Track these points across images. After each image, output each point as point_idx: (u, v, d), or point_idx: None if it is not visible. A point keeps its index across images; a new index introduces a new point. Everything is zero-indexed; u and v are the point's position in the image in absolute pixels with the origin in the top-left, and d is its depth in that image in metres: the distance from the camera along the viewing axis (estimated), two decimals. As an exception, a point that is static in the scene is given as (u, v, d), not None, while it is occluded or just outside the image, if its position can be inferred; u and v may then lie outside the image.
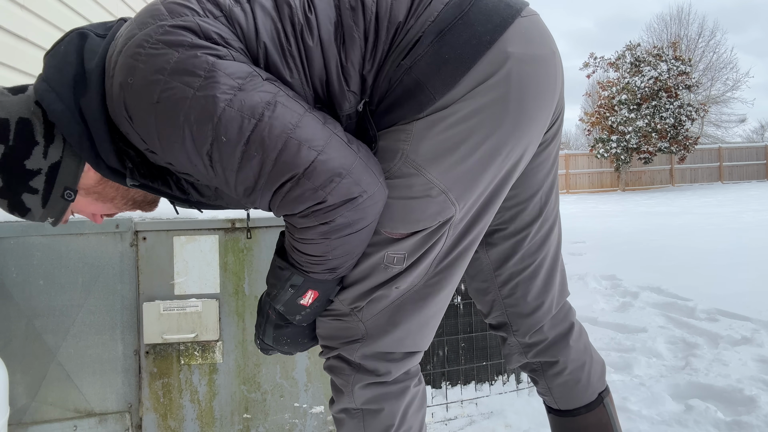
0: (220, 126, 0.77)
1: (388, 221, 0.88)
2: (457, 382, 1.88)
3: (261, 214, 1.59)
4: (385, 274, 0.90)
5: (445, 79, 0.83)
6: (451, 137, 0.85)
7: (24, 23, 2.07)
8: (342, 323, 0.96)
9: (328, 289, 0.93)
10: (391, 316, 0.94)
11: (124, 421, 1.52)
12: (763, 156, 21.38)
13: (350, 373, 0.96)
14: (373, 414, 0.97)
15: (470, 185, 0.88)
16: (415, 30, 0.85)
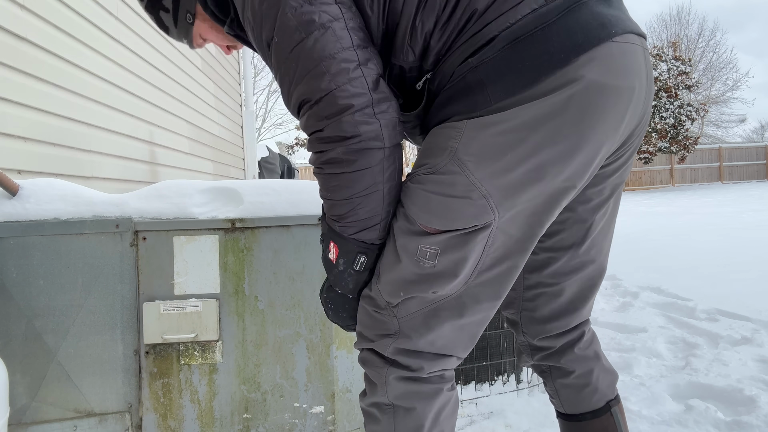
0: (278, 27, 0.87)
1: (424, 214, 0.90)
2: (457, 382, 1.88)
3: (261, 214, 1.59)
4: (417, 268, 0.91)
5: (507, 87, 0.83)
6: (500, 144, 0.85)
7: (24, 23, 2.07)
8: (378, 315, 0.97)
9: (347, 251, 0.96)
10: (426, 318, 0.94)
11: (124, 421, 1.52)
12: (763, 156, 21.38)
13: (383, 365, 0.97)
14: (404, 412, 0.96)
15: (513, 195, 0.87)
16: (491, 29, 0.85)
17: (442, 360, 0.98)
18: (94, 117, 2.64)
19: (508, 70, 0.83)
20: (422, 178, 0.92)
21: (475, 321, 0.96)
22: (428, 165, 0.91)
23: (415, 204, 0.92)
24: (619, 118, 0.88)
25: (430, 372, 0.97)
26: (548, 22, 0.83)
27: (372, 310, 0.98)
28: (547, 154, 0.85)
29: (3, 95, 1.94)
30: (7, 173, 1.53)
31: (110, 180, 2.83)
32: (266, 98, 23.16)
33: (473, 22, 0.87)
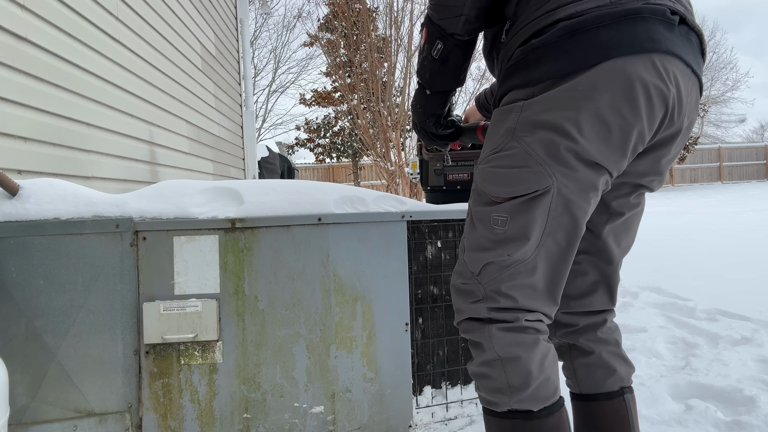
0: None
1: (492, 186, 1.06)
2: (457, 382, 1.88)
3: (261, 214, 1.59)
4: (492, 234, 1.06)
5: (559, 67, 0.98)
6: (549, 119, 0.98)
7: (24, 23, 2.07)
8: (467, 286, 1.11)
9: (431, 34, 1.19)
10: (505, 281, 1.05)
11: (124, 421, 1.52)
12: (763, 156, 21.37)
13: (482, 325, 1.08)
14: (512, 361, 1.04)
15: (565, 161, 0.99)
16: (559, 14, 0.99)
17: (532, 314, 1.08)
18: (94, 117, 2.64)
19: (561, 55, 0.98)
20: (488, 159, 1.08)
21: (551, 281, 1.08)
22: (492, 147, 1.07)
23: (484, 180, 1.08)
24: (654, 112, 0.99)
25: (527, 320, 1.07)
26: (604, 23, 0.96)
27: (461, 283, 1.12)
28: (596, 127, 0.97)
29: (3, 95, 1.94)
30: (7, 173, 1.53)
31: (110, 180, 2.82)
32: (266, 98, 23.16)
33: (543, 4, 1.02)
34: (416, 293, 1.82)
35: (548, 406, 1.06)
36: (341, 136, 20.20)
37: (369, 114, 12.86)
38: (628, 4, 0.97)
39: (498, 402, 1.07)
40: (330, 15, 15.57)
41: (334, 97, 19.57)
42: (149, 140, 3.41)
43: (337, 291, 1.64)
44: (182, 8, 4.21)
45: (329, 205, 1.64)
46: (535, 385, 1.04)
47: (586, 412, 1.28)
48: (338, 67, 13.77)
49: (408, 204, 1.79)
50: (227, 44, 5.95)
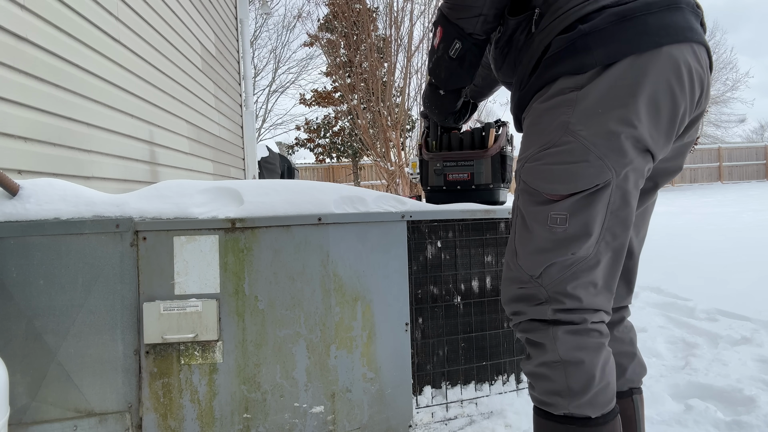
0: None
1: (548, 184, 1.03)
2: (457, 382, 1.88)
3: (261, 214, 1.59)
4: (551, 234, 1.03)
5: (609, 54, 0.98)
6: (604, 110, 0.98)
7: (24, 23, 2.07)
8: (525, 290, 1.08)
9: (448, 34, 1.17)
10: (569, 280, 1.03)
11: (124, 421, 1.52)
12: (763, 156, 21.37)
13: (547, 326, 1.05)
14: (575, 365, 1.03)
15: (623, 153, 0.99)
16: (603, 1, 1.00)
17: (597, 313, 1.07)
18: (94, 117, 2.64)
19: (611, 41, 0.98)
20: (538, 156, 1.05)
21: (610, 275, 1.07)
22: (540, 144, 1.04)
23: (537, 178, 1.05)
24: (691, 93, 1.02)
25: (592, 323, 1.05)
26: (652, 11, 0.98)
27: (517, 287, 1.09)
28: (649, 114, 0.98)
29: (3, 95, 1.94)
30: (8, 173, 1.53)
31: (110, 180, 2.82)
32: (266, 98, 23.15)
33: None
34: (416, 293, 1.82)
35: (605, 414, 1.04)
36: (341, 136, 20.19)
37: (369, 114, 12.86)
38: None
39: (554, 404, 1.04)
40: (330, 15, 15.57)
41: (334, 97, 19.57)
42: (149, 140, 3.41)
43: (337, 291, 1.64)
44: (182, 8, 4.21)
45: (329, 205, 1.64)
46: (596, 390, 1.02)
47: None
48: (338, 67, 13.76)
49: (408, 204, 1.79)
50: (227, 44, 5.95)
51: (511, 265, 1.11)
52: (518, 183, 1.11)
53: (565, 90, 1.02)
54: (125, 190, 2.87)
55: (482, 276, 1.91)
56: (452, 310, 1.87)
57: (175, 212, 1.56)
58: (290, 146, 21.87)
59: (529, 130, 1.09)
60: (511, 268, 1.11)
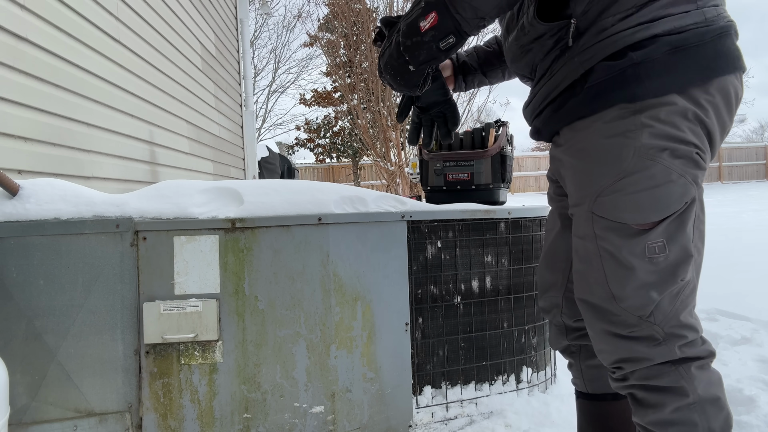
0: None
1: (637, 214, 0.97)
2: (457, 382, 1.88)
3: (261, 214, 1.59)
4: (653, 266, 0.97)
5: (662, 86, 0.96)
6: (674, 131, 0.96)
7: (24, 23, 2.07)
8: (635, 333, 1.00)
9: (444, 26, 1.04)
10: (680, 309, 0.99)
11: (124, 421, 1.52)
12: (763, 156, 21.38)
13: (675, 367, 0.98)
14: (712, 403, 0.97)
15: (696, 167, 0.98)
16: (657, 29, 0.96)
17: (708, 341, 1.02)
18: (94, 117, 2.64)
19: (664, 73, 0.96)
20: (615, 187, 0.99)
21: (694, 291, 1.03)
22: (613, 174, 0.99)
23: (621, 211, 0.98)
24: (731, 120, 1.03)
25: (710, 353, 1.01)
26: (705, 41, 0.97)
27: (627, 333, 1.01)
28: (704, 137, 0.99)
29: (3, 95, 1.94)
30: (8, 173, 1.53)
31: (110, 180, 2.82)
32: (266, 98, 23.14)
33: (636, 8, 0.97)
34: (416, 293, 1.82)
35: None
36: (341, 136, 20.20)
37: (369, 114, 12.86)
38: (718, 22, 0.99)
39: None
40: (330, 15, 15.57)
41: (334, 97, 19.57)
42: (149, 140, 3.41)
43: (337, 291, 1.64)
44: (182, 8, 4.21)
45: (329, 205, 1.64)
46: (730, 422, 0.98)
47: (593, 411, 1.28)
48: (338, 67, 13.76)
49: (408, 204, 1.79)
50: (227, 44, 5.95)
51: (611, 312, 1.01)
52: (590, 222, 1.02)
53: (625, 115, 0.98)
54: (125, 190, 2.87)
55: (482, 276, 1.91)
56: (452, 310, 1.87)
57: (175, 212, 1.56)
58: (290, 146, 21.87)
59: (588, 161, 1.03)
60: (613, 314, 1.01)
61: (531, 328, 2.02)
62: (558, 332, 1.31)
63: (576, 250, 1.08)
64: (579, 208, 1.06)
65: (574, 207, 1.08)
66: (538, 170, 19.39)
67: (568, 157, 1.09)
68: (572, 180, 1.09)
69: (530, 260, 2.01)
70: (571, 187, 1.10)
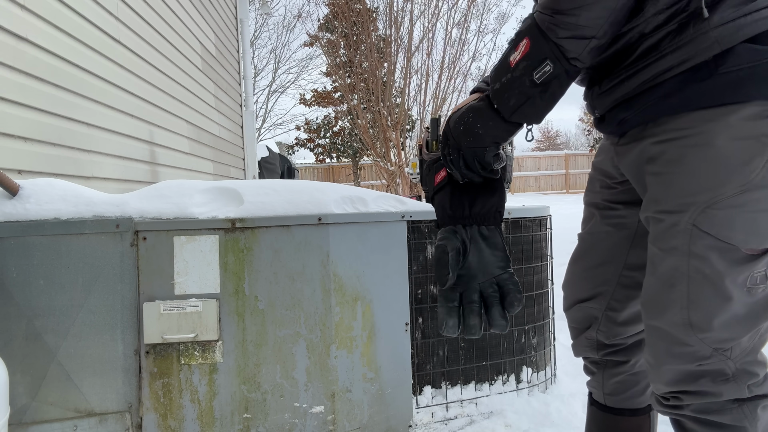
0: None
1: (753, 237, 0.82)
2: (457, 382, 1.88)
3: (261, 214, 1.59)
4: (750, 297, 0.84)
5: None
6: None
7: (24, 23, 2.07)
8: (705, 367, 0.88)
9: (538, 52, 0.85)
10: (758, 348, 0.89)
11: (124, 420, 1.52)
12: (763, 156, 21.36)
13: (741, 405, 0.88)
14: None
15: None
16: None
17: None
18: (94, 117, 2.64)
19: None
20: (734, 201, 0.81)
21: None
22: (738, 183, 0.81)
23: (735, 229, 0.82)
24: None
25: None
26: None
27: (696, 366, 0.88)
28: None
29: (3, 95, 1.94)
30: (8, 173, 1.53)
31: (110, 180, 2.83)
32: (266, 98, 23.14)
33: None
34: (416, 293, 1.82)
35: None
36: (341, 136, 20.21)
37: (369, 114, 12.86)
38: None
39: None
40: (330, 15, 15.57)
41: (334, 97, 19.58)
42: (149, 140, 3.41)
43: (337, 291, 1.65)
44: (182, 8, 4.21)
45: (329, 205, 1.65)
46: None
47: (608, 424, 1.21)
48: (338, 67, 13.77)
49: (408, 204, 1.79)
50: (227, 44, 5.95)
51: (682, 341, 0.88)
52: (686, 236, 0.85)
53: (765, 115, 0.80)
54: (125, 190, 2.87)
55: (482, 276, 1.91)
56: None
57: (175, 212, 1.56)
58: (290, 146, 21.88)
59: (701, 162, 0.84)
60: (684, 343, 0.88)
61: (531, 328, 2.02)
62: (588, 345, 1.19)
63: (654, 265, 0.91)
64: (672, 216, 0.87)
65: (663, 213, 0.88)
66: (538, 170, 19.40)
67: (669, 150, 0.88)
68: (666, 180, 0.88)
69: (530, 260, 2.01)
70: (659, 187, 0.89)
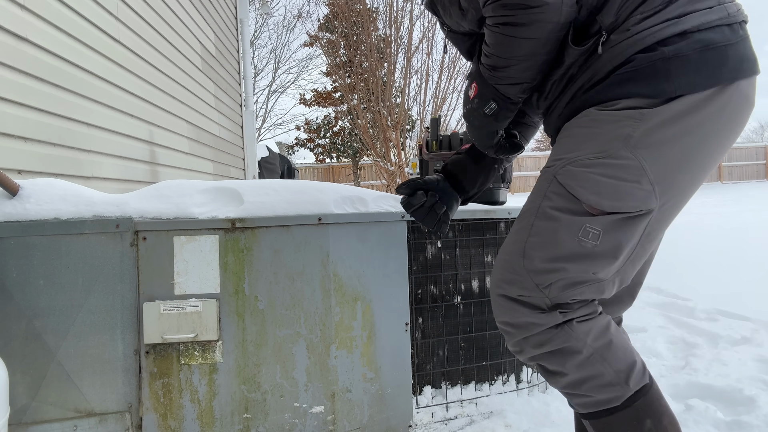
0: None
1: (593, 195, 0.96)
2: (456, 382, 1.88)
3: (261, 214, 1.59)
4: (578, 247, 0.97)
5: (690, 84, 0.94)
6: (672, 135, 0.94)
7: (24, 23, 2.07)
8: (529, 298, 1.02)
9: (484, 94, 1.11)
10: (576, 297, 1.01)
11: (124, 421, 1.52)
12: (763, 156, 21.37)
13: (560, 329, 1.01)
14: (608, 348, 1.00)
15: (673, 185, 0.97)
16: (686, 24, 0.94)
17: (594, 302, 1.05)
18: (94, 117, 2.64)
19: (694, 71, 0.94)
20: (591, 162, 0.97)
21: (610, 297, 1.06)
22: (595, 150, 0.97)
23: (581, 185, 0.98)
24: (744, 126, 1.02)
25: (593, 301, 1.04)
26: (731, 42, 0.95)
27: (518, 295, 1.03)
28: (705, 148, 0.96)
29: (3, 95, 1.94)
30: (8, 173, 1.53)
31: (110, 180, 2.83)
32: (266, 98, 23.13)
33: (663, 6, 0.95)
34: (416, 293, 1.82)
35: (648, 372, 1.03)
36: (341, 136, 20.20)
37: (369, 114, 12.86)
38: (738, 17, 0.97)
39: (614, 396, 0.99)
40: (330, 15, 15.57)
41: (334, 97, 19.57)
42: (149, 140, 3.41)
43: (337, 291, 1.64)
44: (182, 8, 4.21)
45: (329, 205, 1.65)
46: (637, 359, 1.01)
47: None
48: (338, 67, 13.77)
49: (408, 204, 1.79)
50: (227, 44, 5.95)
51: (514, 268, 1.04)
52: (548, 183, 1.03)
53: (635, 106, 0.96)
54: (125, 190, 2.87)
55: (482, 276, 1.91)
56: (452, 310, 1.87)
57: (175, 212, 1.56)
58: (290, 146, 21.88)
59: (580, 132, 1.02)
60: (515, 270, 1.03)
61: (531, 328, 2.02)
62: None
63: None
64: (548, 168, 1.06)
65: (545, 167, 1.07)
66: (538, 170, 19.39)
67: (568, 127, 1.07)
68: (557, 146, 1.08)
69: (530, 260, 2.00)
70: (552, 152, 1.09)
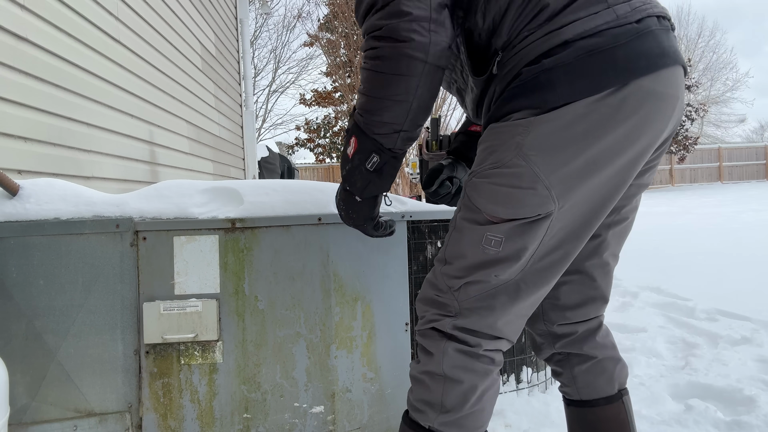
0: None
1: (491, 204, 0.99)
2: (457, 382, 1.88)
3: (261, 214, 1.59)
4: (483, 255, 1.00)
5: (575, 91, 0.93)
6: (562, 139, 0.94)
7: (24, 23, 2.07)
8: (439, 298, 1.06)
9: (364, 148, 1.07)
10: (485, 300, 1.03)
11: (124, 421, 1.52)
12: (763, 156, 21.38)
13: (442, 338, 1.05)
14: (454, 383, 1.03)
15: (572, 187, 0.96)
16: (567, 32, 0.94)
17: (497, 341, 1.06)
18: (94, 117, 2.64)
19: (578, 77, 0.93)
20: (488, 173, 1.00)
21: (528, 305, 1.05)
22: (493, 160, 0.99)
23: (481, 196, 1.00)
24: (665, 121, 0.99)
25: (486, 350, 1.04)
26: (620, 43, 0.93)
27: (434, 294, 1.07)
28: (602, 148, 0.95)
29: (3, 95, 1.94)
30: (8, 173, 1.53)
31: (110, 180, 2.83)
32: (266, 98, 23.12)
33: (547, 19, 0.96)
34: (416, 293, 1.82)
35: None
36: (341, 136, 20.21)
37: (369, 114, 12.85)
38: (633, 15, 0.94)
39: (424, 414, 1.05)
40: (330, 15, 15.57)
41: (334, 97, 19.58)
42: (149, 140, 3.41)
43: (337, 291, 1.65)
44: (182, 8, 4.21)
45: (329, 205, 1.65)
46: (466, 413, 1.03)
47: (587, 417, 1.27)
48: (338, 67, 13.78)
49: (408, 204, 1.79)
50: (227, 44, 5.95)
51: (436, 271, 1.09)
52: (462, 195, 1.07)
53: (525, 116, 0.97)
54: (125, 190, 2.87)
55: (482, 276, 1.91)
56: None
57: (175, 212, 1.56)
58: (290, 146, 21.89)
59: (483, 146, 1.04)
60: (436, 274, 1.08)
61: (531, 328, 2.02)
62: (543, 341, 1.29)
63: None
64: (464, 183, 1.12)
65: None
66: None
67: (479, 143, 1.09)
68: None
69: (530, 260, 2.01)
70: None
